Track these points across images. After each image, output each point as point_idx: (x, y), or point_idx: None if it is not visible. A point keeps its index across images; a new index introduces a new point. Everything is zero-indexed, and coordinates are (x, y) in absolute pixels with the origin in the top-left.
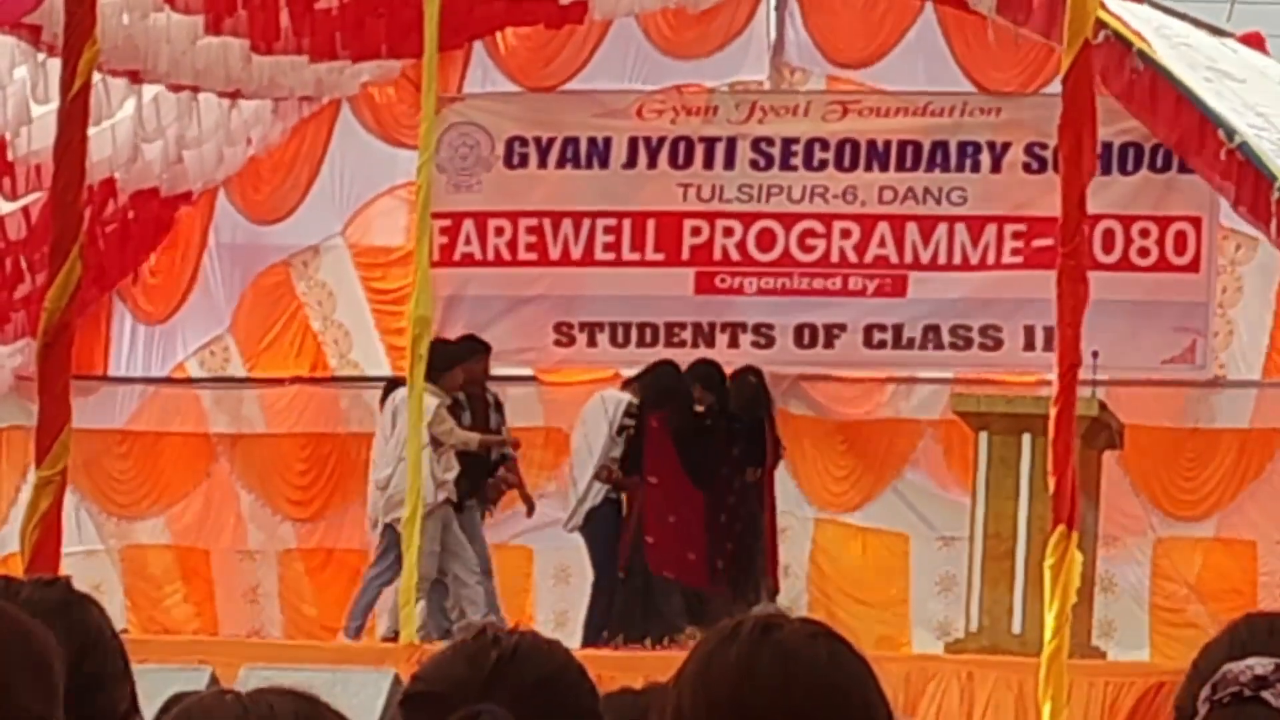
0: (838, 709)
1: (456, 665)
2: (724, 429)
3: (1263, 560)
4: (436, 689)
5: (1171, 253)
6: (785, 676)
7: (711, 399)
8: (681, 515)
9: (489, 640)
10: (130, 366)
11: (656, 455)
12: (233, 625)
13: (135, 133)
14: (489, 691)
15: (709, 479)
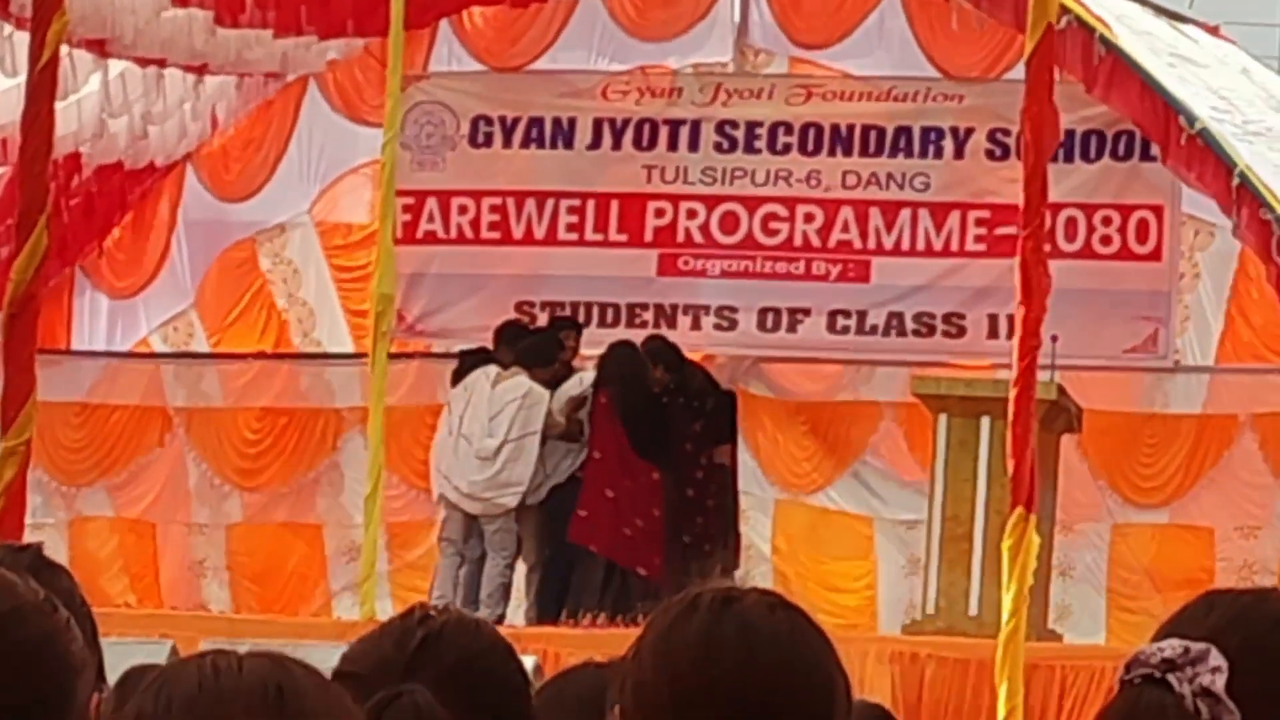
0: (800, 679)
1: (383, 646)
2: (682, 406)
3: (1220, 547)
4: (361, 669)
5: (1134, 241)
6: (747, 647)
7: (669, 378)
8: (621, 490)
9: (416, 620)
10: (92, 340)
11: (602, 431)
12: (176, 599)
13: (101, 107)
14: (412, 672)
15: (664, 455)
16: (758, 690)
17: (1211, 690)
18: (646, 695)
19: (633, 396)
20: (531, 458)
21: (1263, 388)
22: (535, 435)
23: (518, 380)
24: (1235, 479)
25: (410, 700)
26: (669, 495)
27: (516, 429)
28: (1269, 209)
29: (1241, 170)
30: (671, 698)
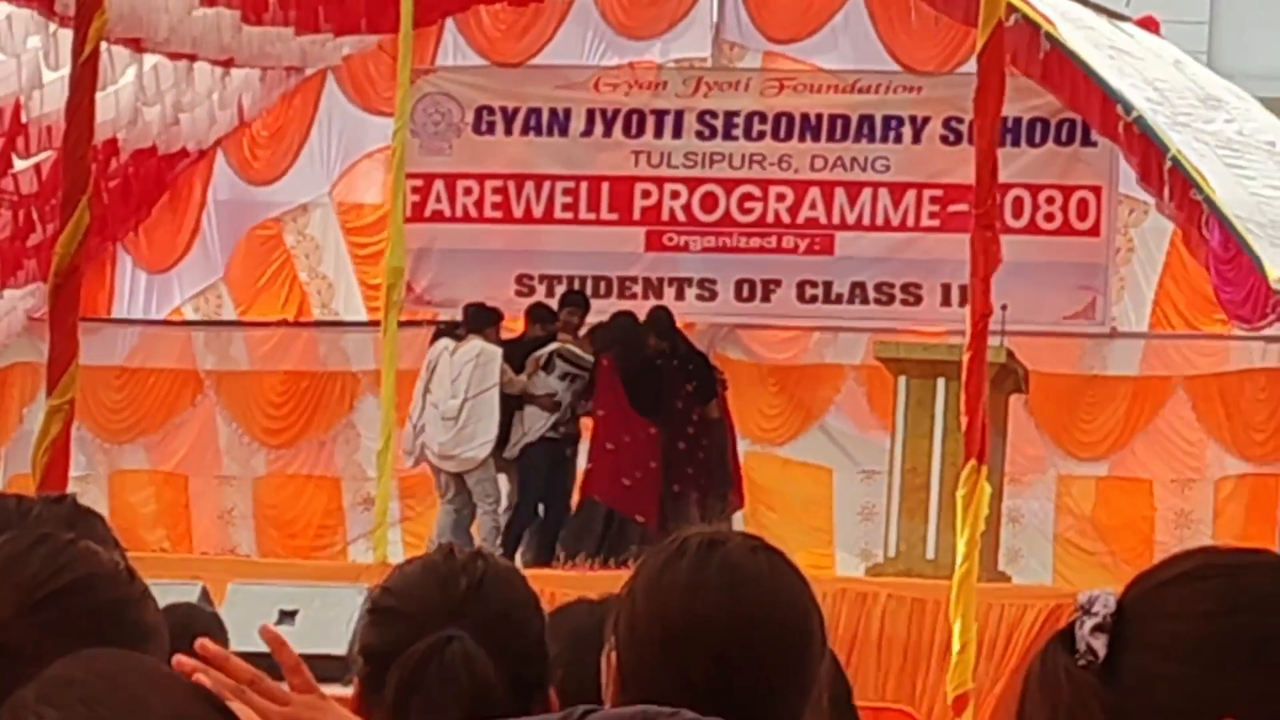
0: (779, 615)
1: (426, 586)
2: (675, 368)
3: (1160, 497)
4: (405, 608)
5: (1074, 218)
6: (731, 587)
7: (664, 345)
8: (621, 444)
9: (458, 566)
10: (131, 310)
11: (605, 391)
12: (207, 544)
13: (137, 97)
14: (456, 617)
15: (660, 412)
16: (741, 626)
17: (1087, 632)
18: (639, 632)
19: (632, 360)
20: (492, 410)
21: (1193, 351)
22: (493, 389)
23: (472, 344)
24: (1169, 435)
25: (461, 648)
26: (667, 447)
27: (475, 386)
28: (1198, 190)
29: (1174, 155)
30: (662, 634)
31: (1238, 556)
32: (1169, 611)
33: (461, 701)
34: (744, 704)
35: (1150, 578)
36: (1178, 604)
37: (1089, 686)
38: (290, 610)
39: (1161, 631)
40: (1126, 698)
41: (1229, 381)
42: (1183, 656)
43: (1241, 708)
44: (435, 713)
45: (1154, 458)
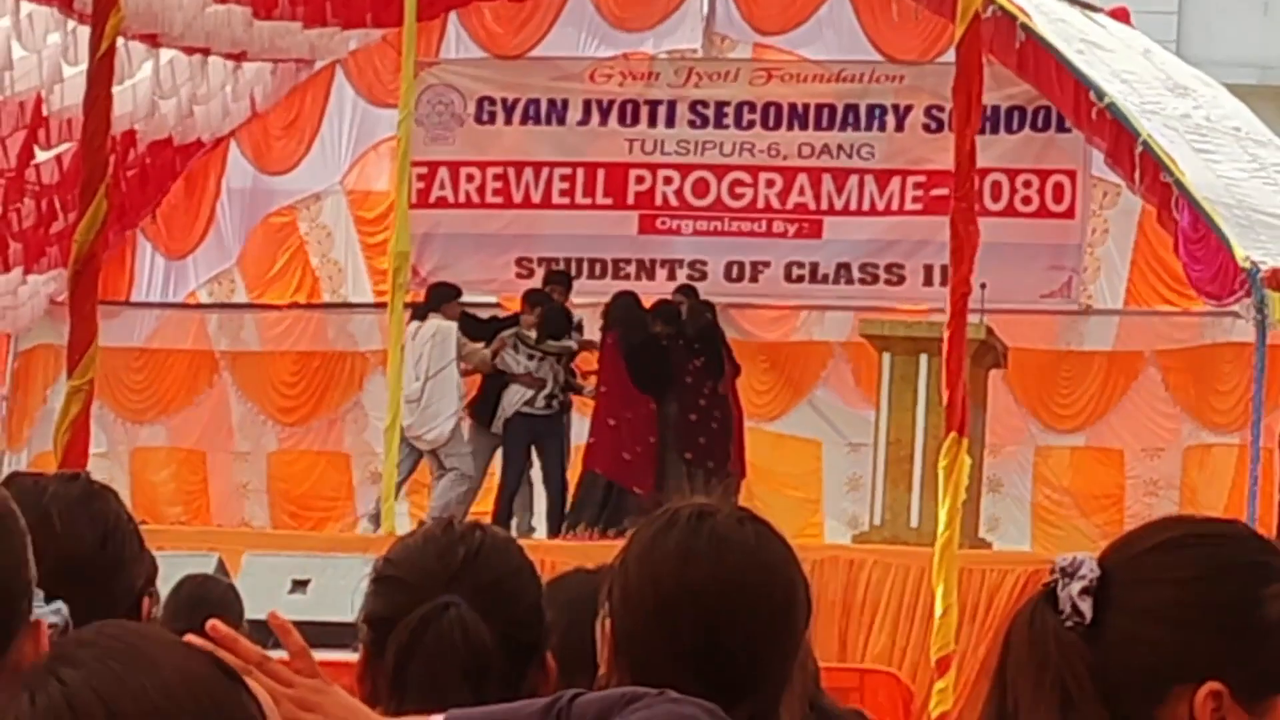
0: (766, 583)
1: (427, 557)
2: (682, 347)
3: (1129, 466)
4: (405, 575)
5: (1050, 201)
6: (719, 556)
7: (670, 329)
8: (622, 420)
9: (456, 536)
10: (149, 294)
11: (608, 368)
12: (223, 517)
13: (153, 90)
14: (453, 585)
15: (665, 389)
16: (729, 593)
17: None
18: (632, 598)
19: (633, 338)
20: (451, 386)
21: (1164, 327)
22: (451, 365)
23: (429, 324)
24: (1141, 407)
25: (457, 614)
26: (669, 422)
27: (434, 365)
28: (1168, 172)
29: (1145, 139)
30: (655, 600)
31: (1216, 526)
32: (1153, 577)
33: (458, 664)
34: (732, 666)
35: (1132, 544)
36: (1161, 570)
37: (1074, 647)
38: (302, 580)
39: (1146, 596)
40: (1111, 657)
41: (1198, 355)
42: (1166, 620)
43: (1223, 670)
44: (433, 676)
45: (1127, 429)
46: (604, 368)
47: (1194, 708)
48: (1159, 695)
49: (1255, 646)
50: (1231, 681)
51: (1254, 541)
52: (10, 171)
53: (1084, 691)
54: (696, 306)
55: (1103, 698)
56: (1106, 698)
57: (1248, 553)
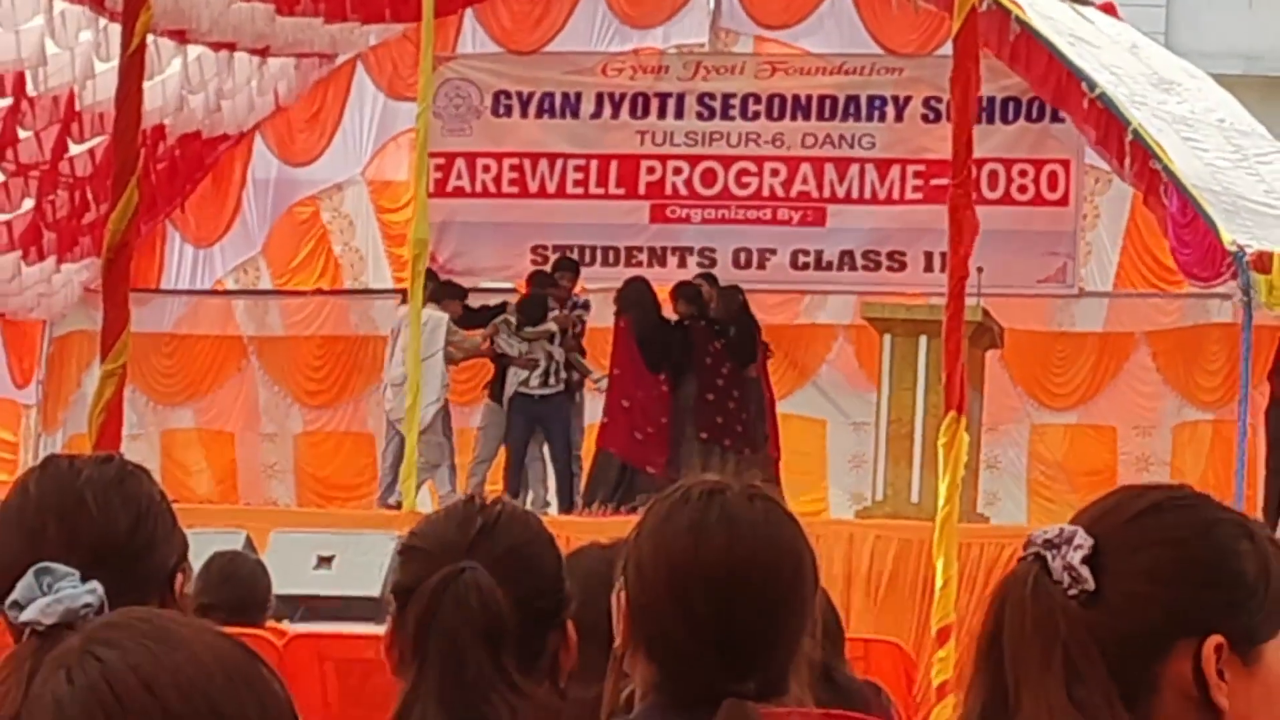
0: (774, 557)
1: (447, 528)
2: (703, 329)
3: (1121, 443)
4: (427, 546)
5: (1045, 189)
6: (730, 532)
7: (691, 309)
8: (635, 401)
9: (475, 508)
10: (178, 281)
11: (620, 351)
12: (251, 496)
13: (182, 86)
14: (472, 552)
15: (684, 369)
16: (739, 567)
17: (1072, 565)
18: (646, 573)
19: (645, 321)
20: (436, 374)
21: (1154, 309)
22: (437, 353)
23: (426, 313)
24: (1132, 386)
25: (473, 577)
26: (686, 402)
27: (422, 352)
28: (1157, 160)
29: (1135, 128)
30: (667, 574)
31: (1182, 491)
32: (1148, 540)
33: (474, 627)
34: (743, 638)
35: (1118, 512)
36: (1154, 532)
37: (1080, 616)
38: (327, 556)
39: (1143, 558)
40: (1114, 621)
41: (1187, 336)
42: (1164, 579)
43: (1220, 623)
44: (451, 638)
45: (1118, 407)
46: (617, 350)
47: (1202, 660)
48: (1163, 653)
49: (1245, 597)
50: (1229, 633)
51: (1210, 501)
52: (45, 164)
53: (1090, 661)
54: (727, 291)
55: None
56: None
57: (1218, 512)
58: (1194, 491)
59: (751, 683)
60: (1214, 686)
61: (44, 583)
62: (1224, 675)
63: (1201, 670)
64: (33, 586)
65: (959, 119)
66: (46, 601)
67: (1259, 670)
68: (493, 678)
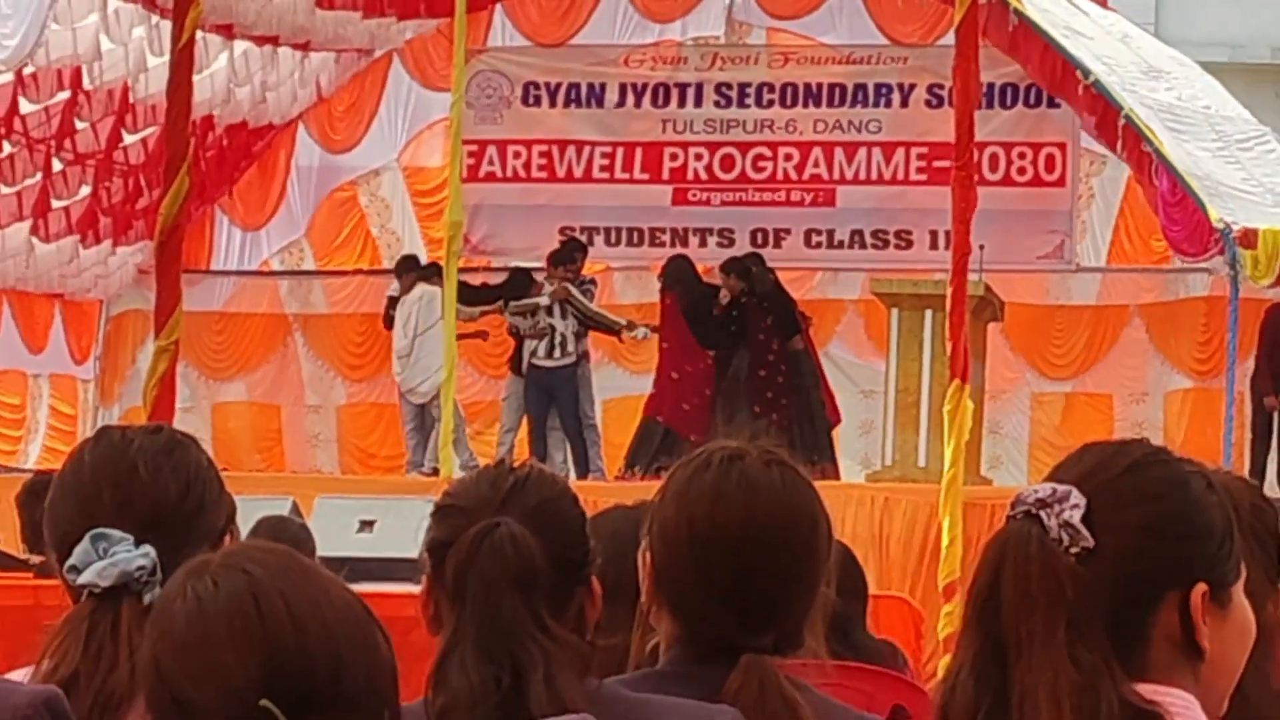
0: (790, 519)
1: (480, 486)
2: (753, 306)
3: (1118, 410)
4: (462, 503)
5: (1043, 171)
6: (749, 496)
7: (740, 285)
8: (684, 373)
9: (506, 469)
10: (227, 262)
11: (668, 326)
12: (296, 464)
13: (229, 79)
14: (504, 508)
15: (736, 344)
16: (757, 529)
17: (1071, 523)
18: (669, 534)
19: (690, 297)
20: (436, 345)
21: (1146, 282)
22: (437, 324)
23: (418, 289)
24: (1126, 356)
25: (507, 529)
26: (737, 376)
27: (421, 326)
28: (1148, 143)
29: (1126, 113)
30: (689, 535)
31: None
32: (1136, 496)
33: (510, 576)
34: (760, 597)
35: (1104, 470)
36: (1141, 488)
37: (1078, 573)
38: (369, 520)
39: (1134, 514)
40: (1108, 575)
41: (1176, 308)
42: (1153, 532)
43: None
44: (487, 586)
45: (1113, 376)
46: (665, 325)
47: (1191, 607)
48: (1155, 603)
49: (1217, 545)
50: (1209, 581)
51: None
52: (100, 153)
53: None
54: (760, 270)
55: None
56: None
57: (1185, 466)
58: (1162, 448)
59: (768, 638)
60: (1200, 632)
61: (100, 547)
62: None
63: (1188, 617)
64: (89, 551)
65: (961, 104)
66: (102, 565)
67: (1230, 611)
68: (527, 623)
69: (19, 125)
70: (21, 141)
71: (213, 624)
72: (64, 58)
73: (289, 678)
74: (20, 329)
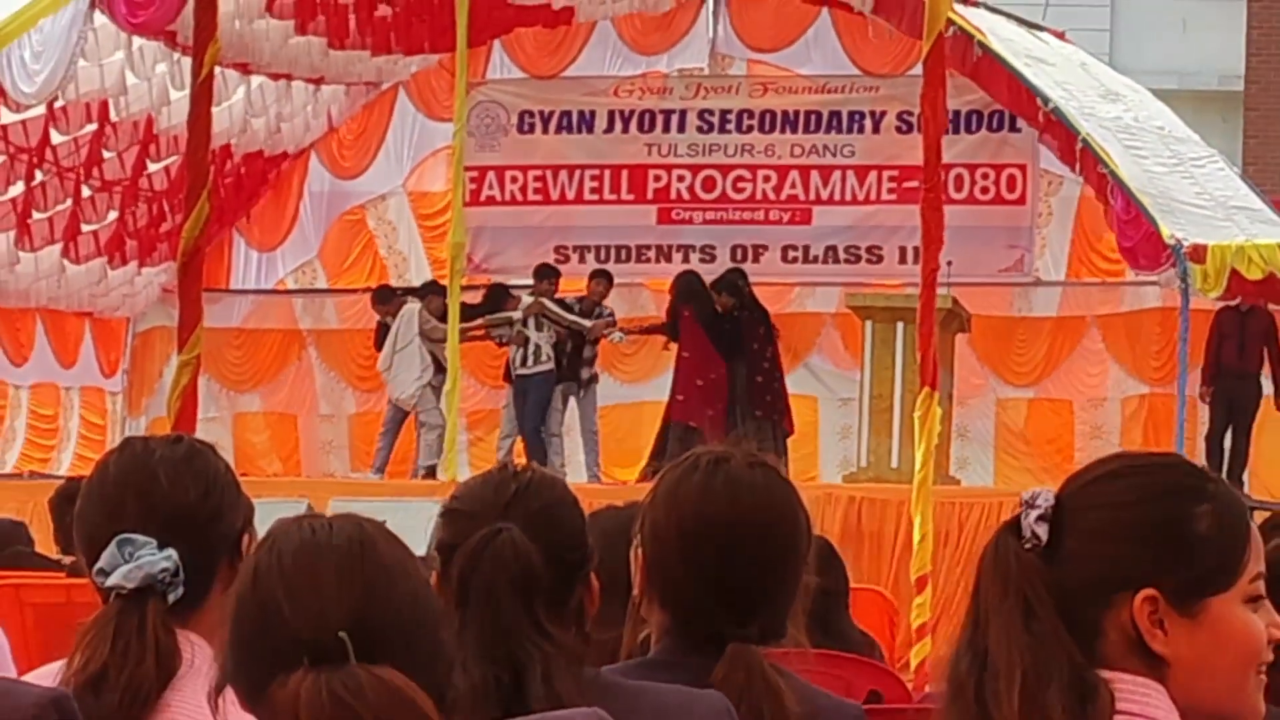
0: (773, 517)
1: (485, 491)
2: (748, 317)
3: (1078, 414)
4: (467, 507)
5: (1005, 190)
6: (734, 495)
7: (733, 301)
8: (707, 380)
9: (509, 474)
10: (245, 281)
11: (689, 337)
12: (311, 469)
13: (245, 111)
14: (507, 513)
15: (738, 352)
16: (741, 526)
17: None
18: (660, 531)
19: (707, 310)
20: (414, 358)
21: (1103, 294)
22: (412, 342)
23: (404, 308)
24: (1084, 363)
25: (509, 535)
26: (741, 384)
27: (401, 342)
28: (1104, 165)
29: (1084, 137)
30: (678, 532)
31: (1149, 458)
32: (1097, 503)
33: (510, 580)
34: (745, 588)
35: (1081, 477)
36: (1104, 497)
37: (1033, 565)
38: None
39: (1092, 519)
40: (1065, 572)
41: (1131, 319)
42: (1108, 538)
43: (1157, 579)
44: (490, 590)
45: (1072, 382)
46: (685, 336)
47: (1133, 610)
48: (1105, 602)
49: (1186, 557)
50: (1165, 588)
51: (1186, 468)
52: (126, 180)
53: (1042, 602)
54: (745, 284)
55: (1058, 607)
56: (1061, 607)
57: (1178, 478)
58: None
59: (753, 627)
60: (1147, 634)
61: (125, 551)
62: (1164, 626)
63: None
64: (116, 555)
65: (928, 130)
66: (128, 568)
67: (1205, 621)
68: (525, 625)
69: (50, 155)
70: (53, 170)
71: (324, 553)
72: (92, 92)
73: (371, 620)
74: (53, 345)
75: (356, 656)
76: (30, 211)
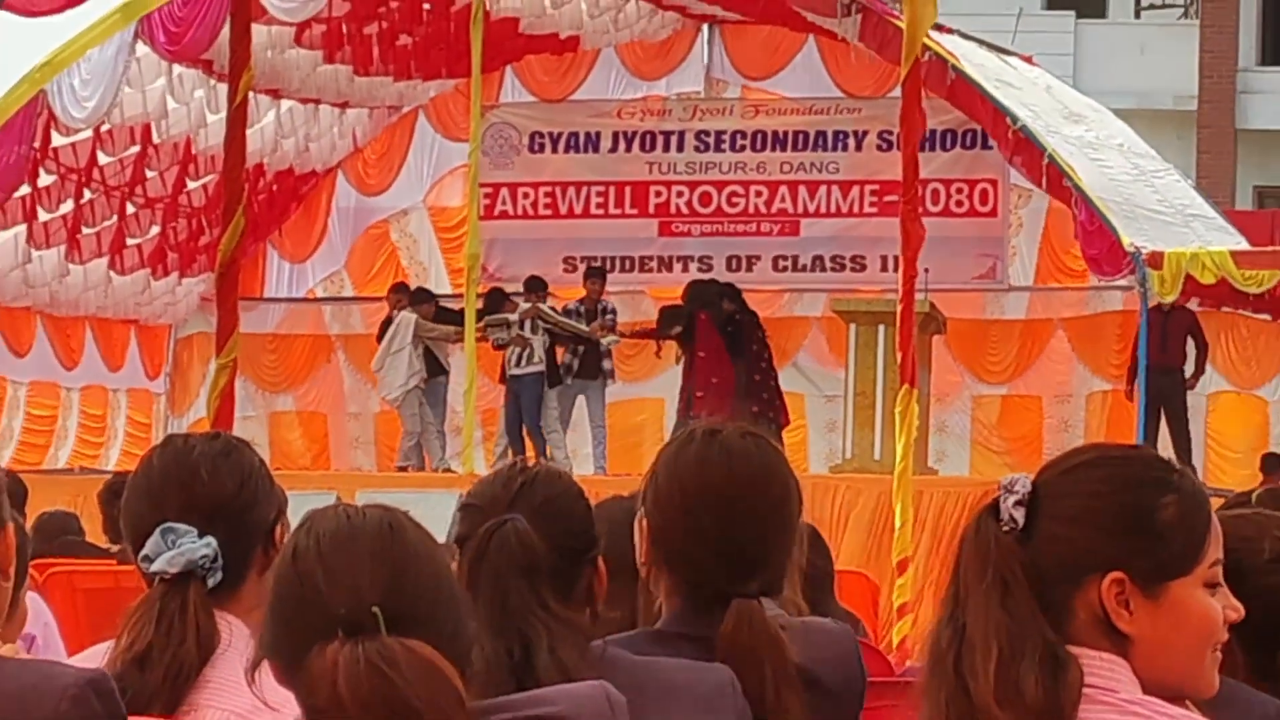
0: (765, 481)
1: (494, 486)
2: (749, 321)
3: (1047, 410)
4: (480, 502)
5: (978, 203)
6: (728, 460)
7: (733, 307)
8: (721, 378)
9: (518, 469)
10: (277, 290)
11: (704, 339)
12: (340, 464)
13: (277, 132)
14: (514, 505)
15: (744, 352)
16: (737, 487)
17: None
18: (662, 499)
19: (720, 314)
20: (403, 363)
21: (1068, 299)
22: (404, 349)
23: (402, 315)
24: (1052, 363)
25: (512, 526)
26: (743, 382)
27: (394, 345)
28: (1068, 179)
29: (1050, 154)
30: (680, 500)
31: (1121, 451)
32: (1073, 491)
33: (515, 565)
34: (743, 549)
35: (1056, 465)
36: (1077, 485)
37: (1009, 547)
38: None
39: (1065, 505)
40: (1039, 554)
41: (1094, 322)
42: (1080, 523)
43: (1125, 563)
44: (497, 578)
45: (1041, 380)
46: (701, 338)
47: (1101, 592)
48: (1076, 583)
49: (1152, 544)
50: (1132, 571)
51: (1155, 461)
52: (167, 198)
53: (1018, 582)
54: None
55: (1032, 587)
56: (1035, 587)
57: (1147, 470)
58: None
59: (754, 584)
60: (1114, 614)
61: (168, 539)
62: (1130, 606)
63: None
64: (159, 543)
65: (907, 148)
66: (171, 555)
67: (1166, 603)
68: (531, 605)
69: (98, 175)
70: (100, 189)
71: (358, 535)
72: (135, 116)
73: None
74: (101, 350)
75: (387, 631)
76: (80, 227)
